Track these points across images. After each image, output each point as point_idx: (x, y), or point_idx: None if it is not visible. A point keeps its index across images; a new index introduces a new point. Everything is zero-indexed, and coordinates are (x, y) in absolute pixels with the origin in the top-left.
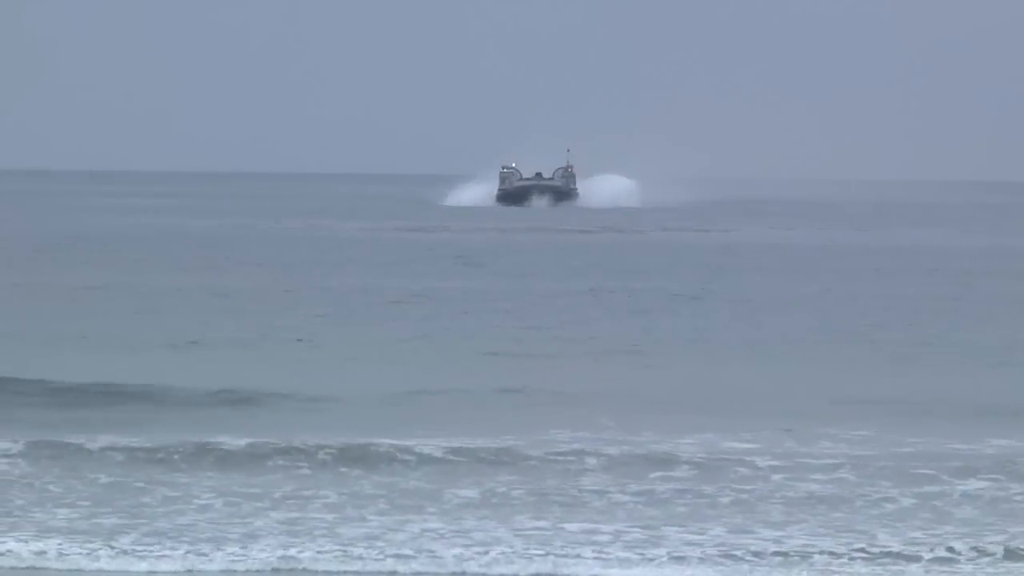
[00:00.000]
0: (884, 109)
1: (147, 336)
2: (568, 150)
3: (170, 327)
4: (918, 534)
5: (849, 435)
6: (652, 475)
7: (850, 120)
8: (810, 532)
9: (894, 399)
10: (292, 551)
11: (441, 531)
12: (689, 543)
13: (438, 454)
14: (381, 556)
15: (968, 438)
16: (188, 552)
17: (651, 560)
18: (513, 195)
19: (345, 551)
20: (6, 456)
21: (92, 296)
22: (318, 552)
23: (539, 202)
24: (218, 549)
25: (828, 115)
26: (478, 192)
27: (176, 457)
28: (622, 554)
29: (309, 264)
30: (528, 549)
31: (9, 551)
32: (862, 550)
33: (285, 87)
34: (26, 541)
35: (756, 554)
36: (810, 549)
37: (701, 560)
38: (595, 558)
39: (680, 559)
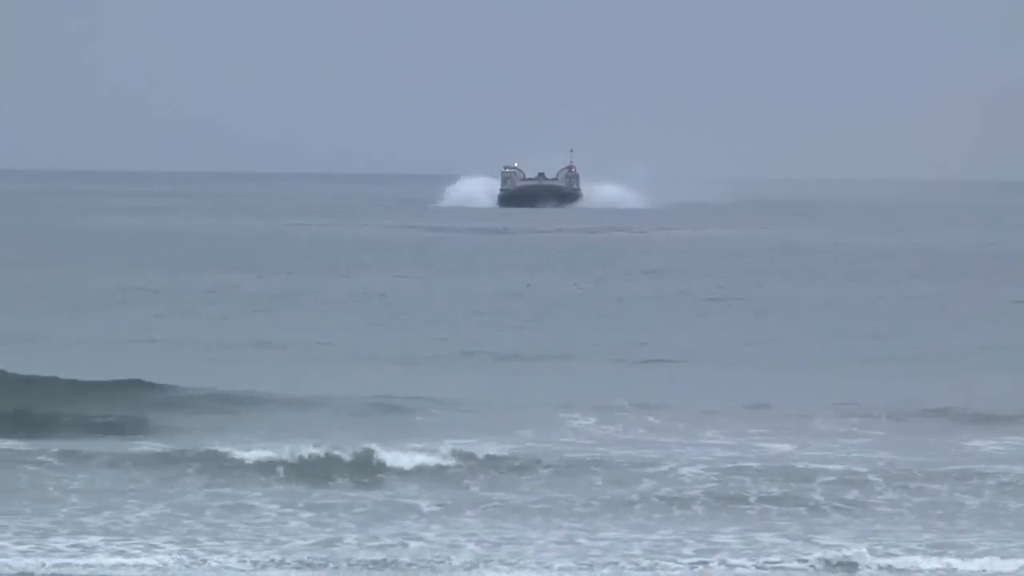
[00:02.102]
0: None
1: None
2: (571, 150)
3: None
4: (969, 536)
5: (872, 437)
6: (674, 478)
7: (868, 121)
8: (853, 537)
9: (897, 402)
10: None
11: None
12: (714, 544)
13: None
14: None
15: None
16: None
17: (679, 564)
18: (515, 196)
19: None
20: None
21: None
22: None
23: (541, 204)
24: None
25: (834, 116)
26: (475, 187)
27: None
28: (645, 561)
29: (342, 266)
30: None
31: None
32: (895, 554)
33: (283, 87)
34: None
35: (796, 559)
36: (847, 551)
37: (730, 560)
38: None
39: (719, 564)
